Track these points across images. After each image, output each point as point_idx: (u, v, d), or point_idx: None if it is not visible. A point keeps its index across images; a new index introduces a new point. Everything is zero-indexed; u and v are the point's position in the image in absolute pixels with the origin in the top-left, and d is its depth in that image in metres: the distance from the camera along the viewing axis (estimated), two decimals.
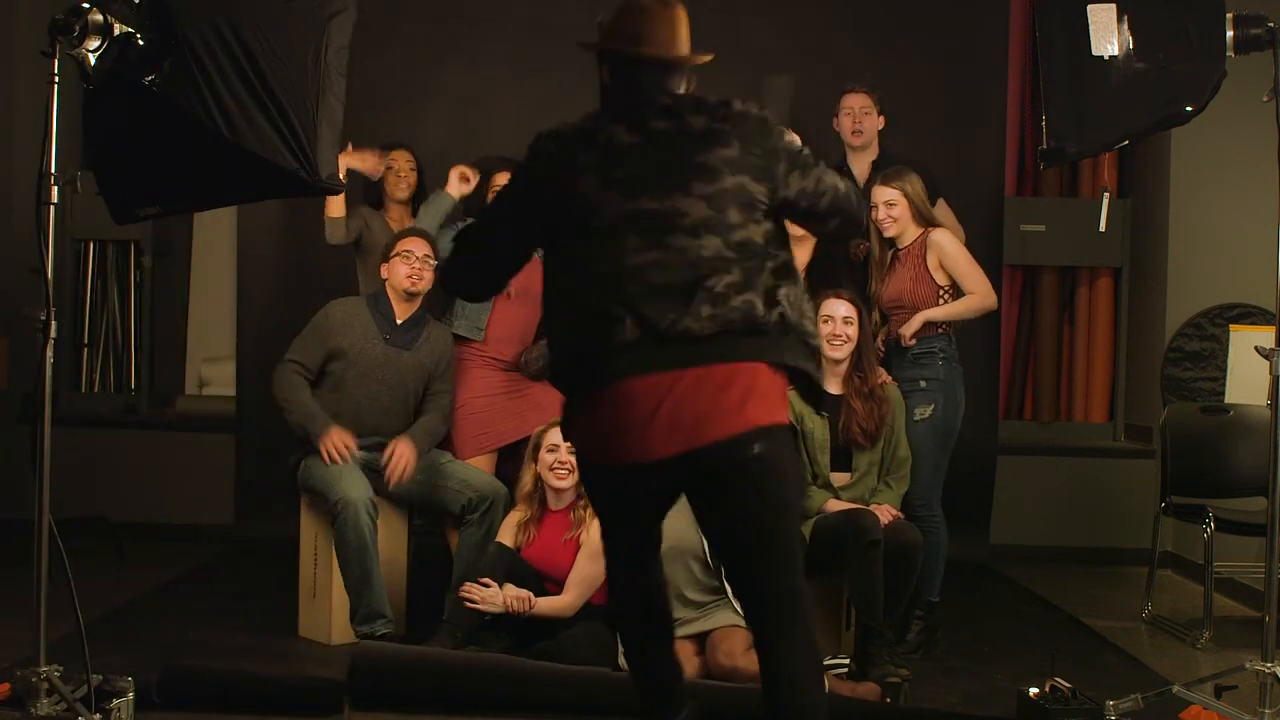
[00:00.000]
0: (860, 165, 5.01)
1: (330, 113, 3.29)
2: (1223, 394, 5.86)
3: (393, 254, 4.54)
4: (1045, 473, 6.34)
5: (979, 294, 4.54)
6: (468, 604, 4.03)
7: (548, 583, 4.18)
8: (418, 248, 4.53)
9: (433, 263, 4.51)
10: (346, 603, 4.33)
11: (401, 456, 4.38)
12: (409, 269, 4.49)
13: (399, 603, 4.51)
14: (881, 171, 4.70)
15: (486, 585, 4.04)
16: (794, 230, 4.90)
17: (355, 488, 4.27)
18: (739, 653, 3.82)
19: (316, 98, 3.27)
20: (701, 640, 3.95)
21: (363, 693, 3.70)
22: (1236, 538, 4.99)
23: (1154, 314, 6.31)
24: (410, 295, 4.54)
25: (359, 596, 4.26)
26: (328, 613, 4.41)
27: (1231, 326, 5.97)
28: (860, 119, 4.94)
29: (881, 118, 4.99)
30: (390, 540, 4.50)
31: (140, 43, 3.16)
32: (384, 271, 4.57)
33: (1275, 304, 3.47)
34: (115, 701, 3.25)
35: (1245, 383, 5.66)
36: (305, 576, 4.51)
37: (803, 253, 4.72)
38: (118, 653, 4.02)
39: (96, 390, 6.52)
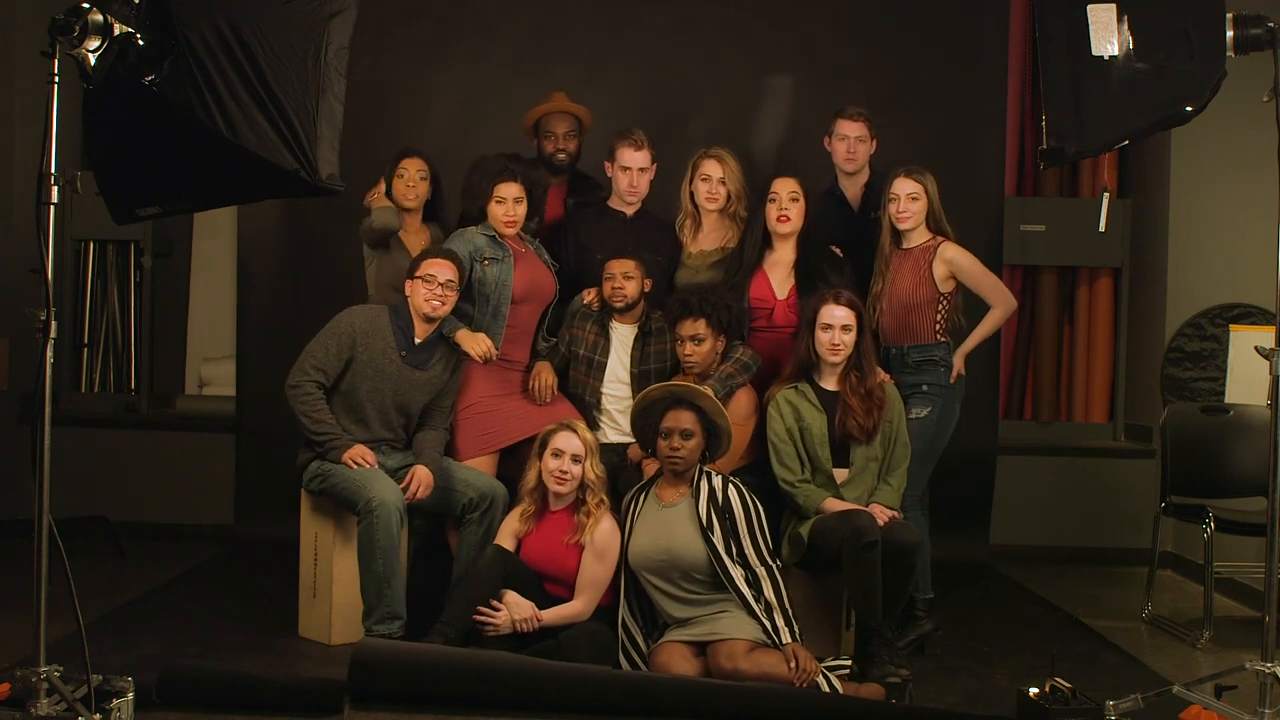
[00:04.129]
0: (853, 188, 5.03)
1: (330, 113, 3.29)
2: (1223, 394, 5.86)
3: (416, 273, 4.44)
4: (1045, 473, 6.34)
5: (1001, 305, 4.64)
6: (483, 629, 4.02)
7: (548, 582, 4.18)
8: (441, 272, 4.41)
9: (456, 288, 4.42)
10: (347, 603, 4.34)
11: (420, 480, 4.37)
12: (429, 293, 4.40)
13: None
14: (905, 165, 4.69)
15: (496, 609, 4.04)
16: (778, 228, 4.92)
17: (389, 491, 4.26)
18: (740, 655, 3.83)
19: (316, 98, 3.27)
20: (701, 643, 3.95)
21: (363, 693, 3.70)
22: (1236, 538, 5.00)
23: (1154, 314, 6.32)
24: (429, 319, 4.46)
25: (379, 597, 4.23)
26: (328, 613, 4.41)
27: (1231, 326, 5.97)
28: (855, 147, 4.95)
29: (874, 142, 5.00)
30: None
31: (140, 43, 3.16)
32: (407, 289, 4.47)
33: (1275, 304, 3.47)
34: (115, 701, 3.25)
35: (1245, 383, 5.67)
36: (305, 576, 4.51)
37: (786, 250, 4.72)
38: (118, 653, 4.03)
39: (96, 390, 6.53)
